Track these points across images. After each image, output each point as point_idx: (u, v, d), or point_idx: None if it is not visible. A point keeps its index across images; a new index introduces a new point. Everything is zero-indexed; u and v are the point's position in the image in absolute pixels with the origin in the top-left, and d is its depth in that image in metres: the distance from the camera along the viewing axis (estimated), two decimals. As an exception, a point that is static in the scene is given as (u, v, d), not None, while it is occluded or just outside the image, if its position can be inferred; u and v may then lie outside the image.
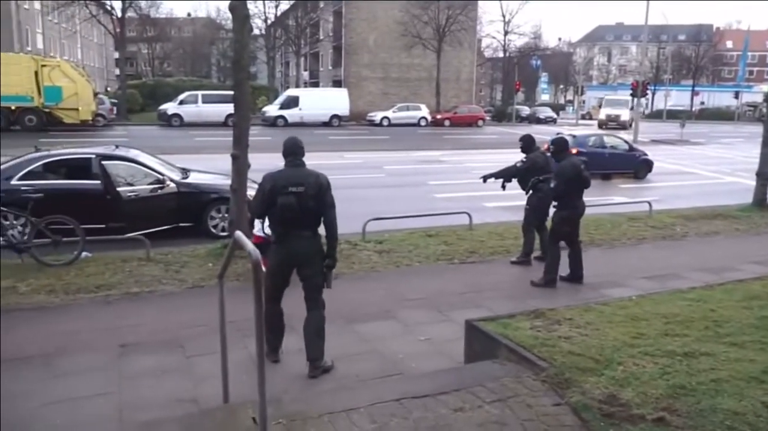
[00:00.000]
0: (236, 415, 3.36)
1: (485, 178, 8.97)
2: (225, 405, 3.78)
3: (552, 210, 7.86)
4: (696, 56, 70.25)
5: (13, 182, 8.75)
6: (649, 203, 12.12)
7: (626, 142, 19.96)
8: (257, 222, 7.58)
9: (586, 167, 7.68)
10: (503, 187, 8.80)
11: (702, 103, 68.53)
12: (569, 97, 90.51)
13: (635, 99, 37.45)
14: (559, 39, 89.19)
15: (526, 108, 57.66)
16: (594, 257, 8.95)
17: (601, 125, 42.92)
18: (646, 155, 19.53)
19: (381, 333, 5.86)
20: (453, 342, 5.41)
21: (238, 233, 3.01)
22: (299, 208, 4.70)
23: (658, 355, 4.11)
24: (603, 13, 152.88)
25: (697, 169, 21.96)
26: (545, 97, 76.00)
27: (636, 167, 19.08)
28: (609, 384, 3.70)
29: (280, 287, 4.99)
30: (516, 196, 9.34)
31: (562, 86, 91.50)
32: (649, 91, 48.90)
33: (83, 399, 4.42)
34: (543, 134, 32.69)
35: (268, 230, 7.47)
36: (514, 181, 8.73)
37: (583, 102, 68.47)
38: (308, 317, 4.96)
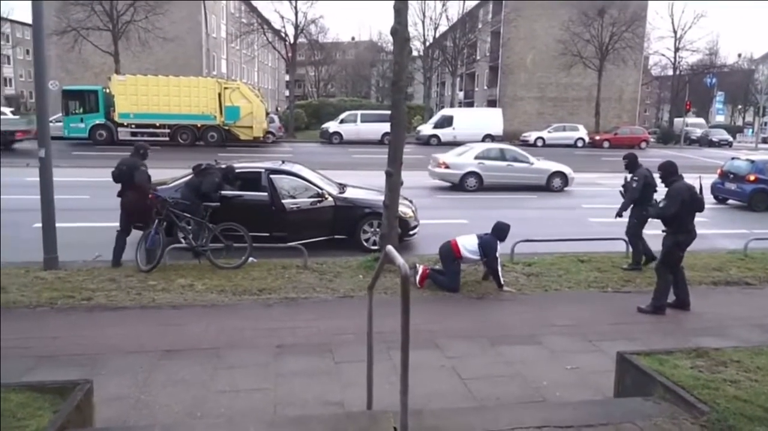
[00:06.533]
0: (378, 422, 3.49)
1: (618, 215, 9.32)
2: (368, 412, 3.93)
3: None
4: None
5: (196, 191, 9.80)
6: (844, 239, 10.61)
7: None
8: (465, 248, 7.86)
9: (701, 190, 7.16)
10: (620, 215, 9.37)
11: None
12: (748, 118, 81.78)
13: None
14: (739, 55, 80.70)
15: (697, 130, 52.95)
16: (770, 296, 8.07)
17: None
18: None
19: (525, 357, 5.73)
20: (601, 374, 5.15)
21: (389, 248, 3.15)
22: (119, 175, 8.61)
23: (844, 410, 3.60)
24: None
25: None
26: (720, 119, 69.35)
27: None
28: (781, 437, 3.32)
29: None
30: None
31: (740, 107, 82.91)
32: None
33: (243, 392, 4.85)
34: (716, 159, 29.90)
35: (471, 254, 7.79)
36: None
37: (765, 124, 61.47)
38: None
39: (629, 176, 9.39)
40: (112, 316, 6.66)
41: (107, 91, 30.86)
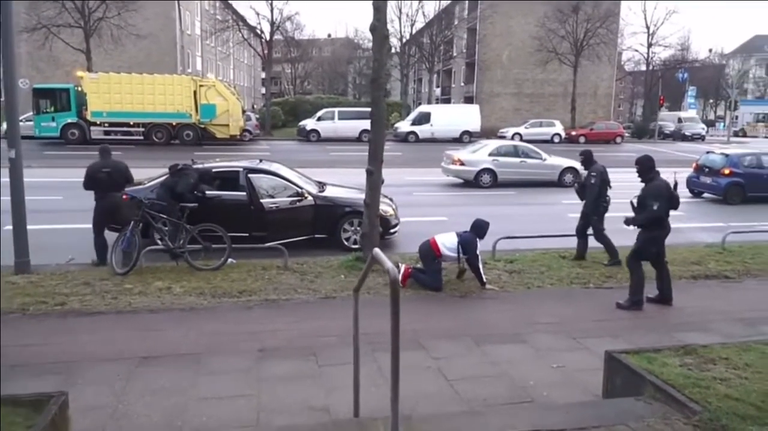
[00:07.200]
0: None
1: (586, 215, 9.46)
2: (356, 419, 3.84)
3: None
4: None
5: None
6: (819, 231, 10.79)
7: (790, 162, 17.90)
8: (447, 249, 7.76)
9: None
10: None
11: None
12: (719, 112, 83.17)
13: None
14: (710, 50, 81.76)
15: (670, 124, 53.67)
16: (750, 289, 8.15)
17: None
18: (814, 176, 17.38)
19: (511, 356, 5.69)
20: (588, 373, 5.12)
21: (377, 251, 3.07)
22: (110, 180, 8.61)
23: (834, 406, 3.60)
24: (761, 21, 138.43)
25: None
26: (692, 113, 70.38)
27: (802, 189, 17.05)
28: (773, 436, 3.30)
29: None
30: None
31: (711, 101, 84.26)
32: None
33: (226, 399, 4.72)
34: (689, 153, 30.29)
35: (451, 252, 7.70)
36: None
37: (736, 118, 62.52)
38: None
39: (584, 172, 9.51)
40: (87, 322, 6.46)
41: (79, 89, 30.22)
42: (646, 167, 7.14)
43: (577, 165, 19.32)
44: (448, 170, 19.51)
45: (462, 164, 19.04)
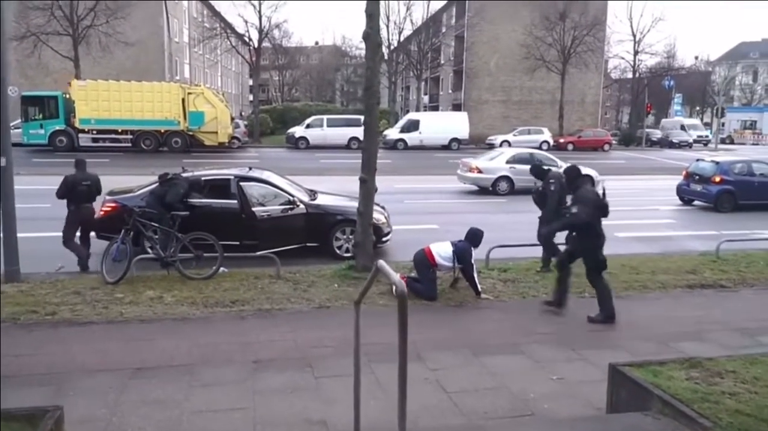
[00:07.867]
0: (370, 445, 3.32)
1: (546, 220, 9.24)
2: (358, 435, 3.75)
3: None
4: None
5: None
6: (811, 239, 10.84)
7: (780, 169, 18.00)
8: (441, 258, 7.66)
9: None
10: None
11: None
12: (706, 119, 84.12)
13: None
14: (696, 57, 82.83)
15: (657, 131, 54.13)
16: (747, 299, 8.14)
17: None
18: (805, 183, 17.45)
19: (509, 367, 5.62)
20: (589, 385, 5.06)
21: (382, 263, 2.99)
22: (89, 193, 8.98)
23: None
24: (746, 28, 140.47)
25: None
26: (695, 120, 70.90)
27: (793, 196, 17.10)
28: (784, 451, 3.24)
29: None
30: (650, 226, 8.75)
31: (698, 108, 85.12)
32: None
33: (221, 412, 4.61)
34: (677, 160, 30.49)
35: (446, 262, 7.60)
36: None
37: (723, 125, 63.19)
38: None
39: (539, 182, 9.67)
40: (78, 332, 6.34)
41: (67, 96, 29.97)
42: (572, 176, 7.33)
43: (593, 173, 19.04)
44: (465, 178, 19.68)
45: (480, 171, 19.25)
